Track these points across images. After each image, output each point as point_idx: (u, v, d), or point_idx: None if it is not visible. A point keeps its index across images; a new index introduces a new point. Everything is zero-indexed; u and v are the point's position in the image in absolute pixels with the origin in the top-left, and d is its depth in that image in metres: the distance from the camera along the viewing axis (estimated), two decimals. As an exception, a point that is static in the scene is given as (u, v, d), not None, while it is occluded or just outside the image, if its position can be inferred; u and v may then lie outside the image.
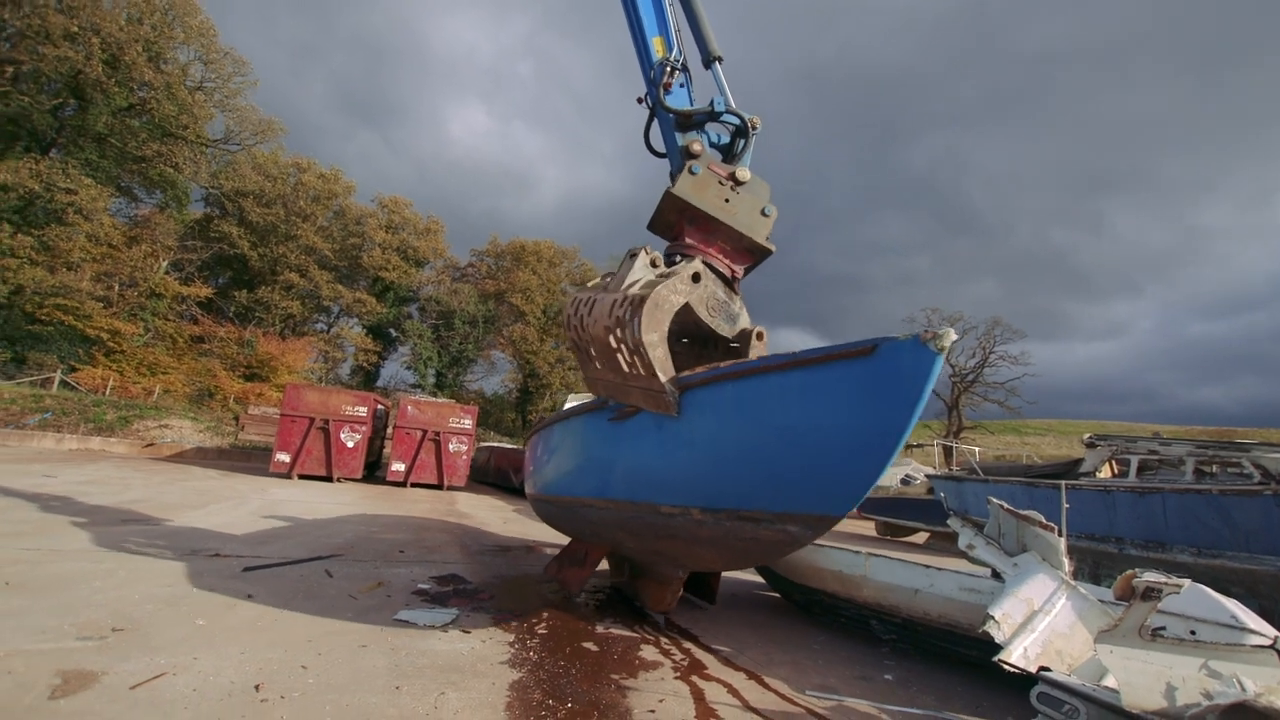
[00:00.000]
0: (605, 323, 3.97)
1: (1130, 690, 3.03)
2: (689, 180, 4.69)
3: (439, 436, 18.12)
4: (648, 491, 4.37)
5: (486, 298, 42.39)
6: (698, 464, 3.94)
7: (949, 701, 4.23)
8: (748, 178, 4.78)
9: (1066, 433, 33.20)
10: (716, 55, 5.49)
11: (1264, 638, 3.74)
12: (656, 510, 4.30)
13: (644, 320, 3.74)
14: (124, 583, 4.93)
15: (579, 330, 4.30)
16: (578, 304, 4.39)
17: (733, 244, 4.80)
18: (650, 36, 5.52)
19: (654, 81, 5.32)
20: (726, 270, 4.79)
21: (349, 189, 39.50)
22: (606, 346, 4.04)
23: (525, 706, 3.38)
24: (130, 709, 2.83)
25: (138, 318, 28.51)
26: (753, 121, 5.08)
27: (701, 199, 4.66)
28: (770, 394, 3.52)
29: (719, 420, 3.75)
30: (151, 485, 11.74)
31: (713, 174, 4.74)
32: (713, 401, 3.78)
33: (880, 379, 3.08)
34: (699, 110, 5.12)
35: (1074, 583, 4.44)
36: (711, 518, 3.92)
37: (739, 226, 4.72)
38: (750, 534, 3.78)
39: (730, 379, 3.69)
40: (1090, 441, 10.54)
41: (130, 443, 20.12)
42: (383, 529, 9.38)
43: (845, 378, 3.20)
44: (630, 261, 4.29)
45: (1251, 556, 7.24)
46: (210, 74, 31.52)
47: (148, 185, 32.11)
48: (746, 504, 3.72)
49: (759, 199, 4.82)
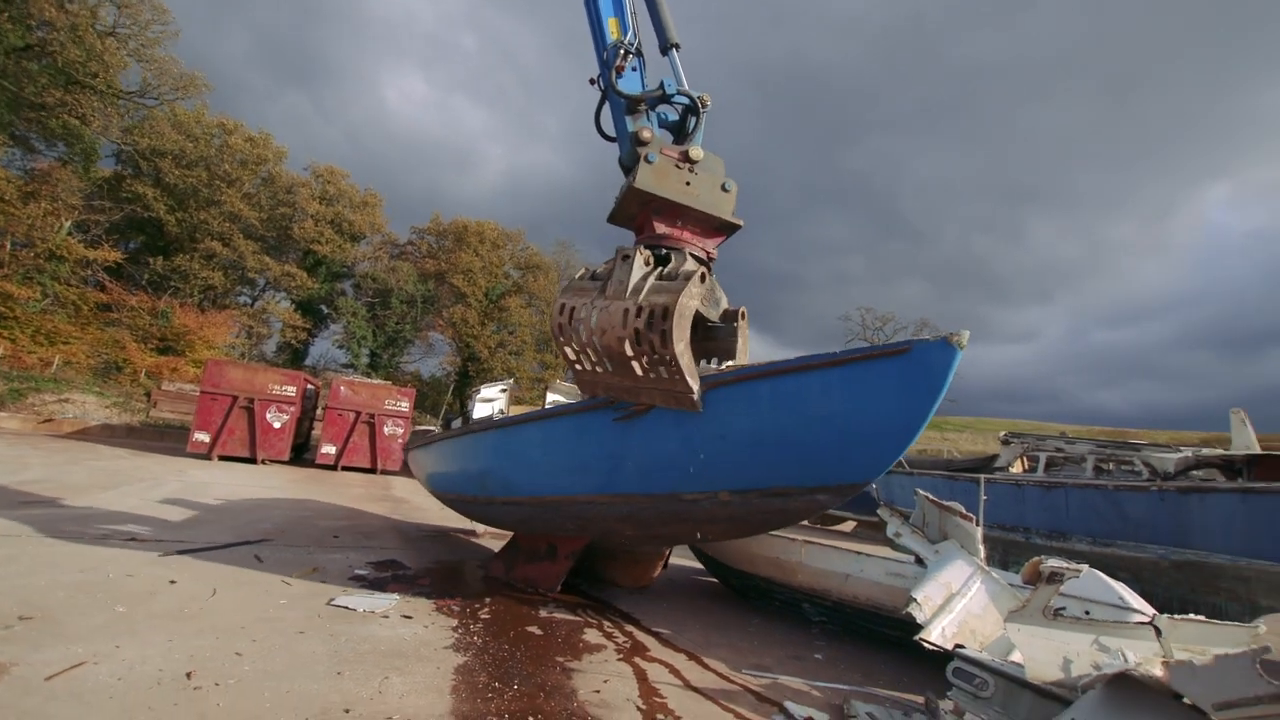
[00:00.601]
0: (619, 333, 4.03)
1: (1033, 664, 3.35)
2: (648, 170, 4.64)
3: (373, 419, 17.54)
4: (668, 482, 4.61)
5: (426, 277, 40.97)
6: (729, 453, 4.28)
7: (873, 677, 4.52)
8: (701, 156, 4.77)
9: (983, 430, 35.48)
10: (674, 42, 5.44)
11: (1144, 616, 4.19)
12: (678, 499, 4.58)
13: (675, 331, 3.86)
14: (28, 570, 4.59)
15: (578, 337, 4.29)
16: (570, 311, 4.34)
17: (702, 226, 4.83)
18: (605, 17, 5.43)
19: (607, 64, 5.26)
20: (704, 255, 4.83)
21: (280, 155, 37.13)
22: (620, 355, 4.10)
23: (471, 689, 3.39)
24: (47, 701, 2.67)
25: (34, 281, 25.95)
26: (702, 99, 5.09)
27: (664, 187, 4.65)
28: (812, 387, 3.99)
29: (755, 412, 4.15)
30: (53, 465, 10.85)
31: (668, 159, 4.71)
32: (748, 396, 4.17)
33: (914, 371, 3.68)
34: (650, 94, 5.09)
35: (988, 569, 4.82)
36: (740, 498, 4.34)
37: (705, 208, 4.73)
38: (778, 506, 4.29)
39: (766, 376, 4.13)
40: (1005, 439, 11.38)
41: (24, 418, 18.44)
42: (314, 514, 9.05)
43: (885, 372, 3.78)
44: (625, 264, 4.26)
45: (1138, 545, 8.03)
46: (124, 19, 28.83)
47: (48, 136, 29.06)
48: (779, 482, 4.19)
49: (717, 176, 4.83)
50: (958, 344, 3.54)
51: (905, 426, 3.80)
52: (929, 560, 4.95)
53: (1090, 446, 9.80)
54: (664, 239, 4.69)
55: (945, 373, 3.59)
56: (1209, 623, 3.45)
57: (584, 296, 4.37)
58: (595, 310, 4.21)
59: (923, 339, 3.69)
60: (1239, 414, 8.75)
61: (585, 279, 4.57)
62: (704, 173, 4.78)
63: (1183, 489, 7.91)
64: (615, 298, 4.16)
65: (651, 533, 5.06)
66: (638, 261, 4.26)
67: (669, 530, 4.96)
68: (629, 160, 5.03)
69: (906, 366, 3.70)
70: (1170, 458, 8.74)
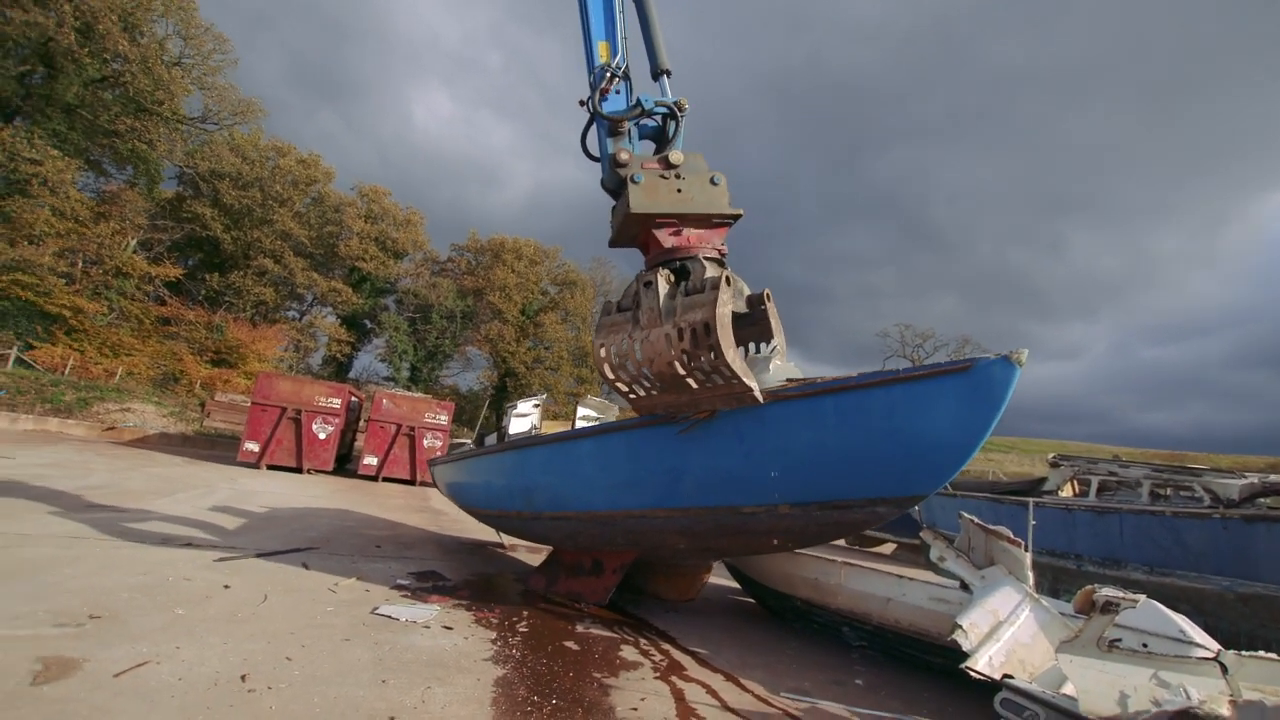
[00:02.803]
0: (667, 358, 4.17)
1: (1087, 697, 3.22)
2: (638, 191, 4.72)
3: (413, 431, 17.93)
4: (726, 496, 4.70)
5: (465, 293, 41.93)
6: (791, 466, 4.40)
7: (915, 707, 4.39)
8: (681, 159, 4.82)
9: (1029, 451, 34.21)
10: (665, 69, 5.52)
11: (1208, 651, 3.98)
12: (737, 512, 4.68)
13: (722, 342, 3.96)
14: (95, 570, 4.84)
15: (627, 372, 4.46)
16: (612, 349, 4.49)
17: (705, 226, 4.86)
18: (596, 41, 5.54)
19: (593, 86, 5.36)
20: (717, 254, 4.81)
21: (328, 175, 38.74)
22: (673, 376, 4.23)
23: (511, 702, 3.44)
24: (115, 697, 2.82)
25: (102, 296, 27.53)
26: (679, 104, 5.16)
27: (658, 203, 4.72)
28: (876, 403, 4.12)
29: (819, 426, 4.28)
30: (115, 471, 11.42)
31: (652, 172, 4.78)
32: (811, 411, 4.30)
33: (976, 387, 3.84)
34: (630, 113, 5.16)
35: (1037, 596, 4.65)
36: (800, 510, 4.45)
37: (703, 209, 4.77)
38: (837, 519, 4.40)
39: (831, 393, 4.27)
40: (1054, 461, 10.95)
41: (90, 425, 19.47)
42: (357, 524, 9.29)
43: (948, 388, 3.93)
44: (650, 290, 4.38)
45: (1199, 576, 7.61)
46: (189, 49, 30.65)
47: (118, 160, 31.03)
48: (840, 495, 4.30)
49: (703, 172, 4.85)
50: (1017, 361, 3.70)
51: (966, 441, 3.94)
52: (975, 586, 4.80)
53: (1146, 471, 9.36)
54: (674, 252, 4.72)
55: (1005, 389, 3.76)
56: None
57: (619, 332, 4.49)
58: (636, 343, 4.31)
59: (984, 356, 3.81)
60: (1310, 439, 8.28)
61: (613, 314, 4.65)
62: (690, 174, 4.82)
63: (1248, 517, 7.47)
64: (651, 325, 4.28)
65: (705, 545, 5.14)
66: (661, 284, 4.35)
67: (724, 543, 5.05)
68: (610, 182, 5.10)
69: (968, 383, 3.85)
70: (1234, 484, 8.28)
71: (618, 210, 4.95)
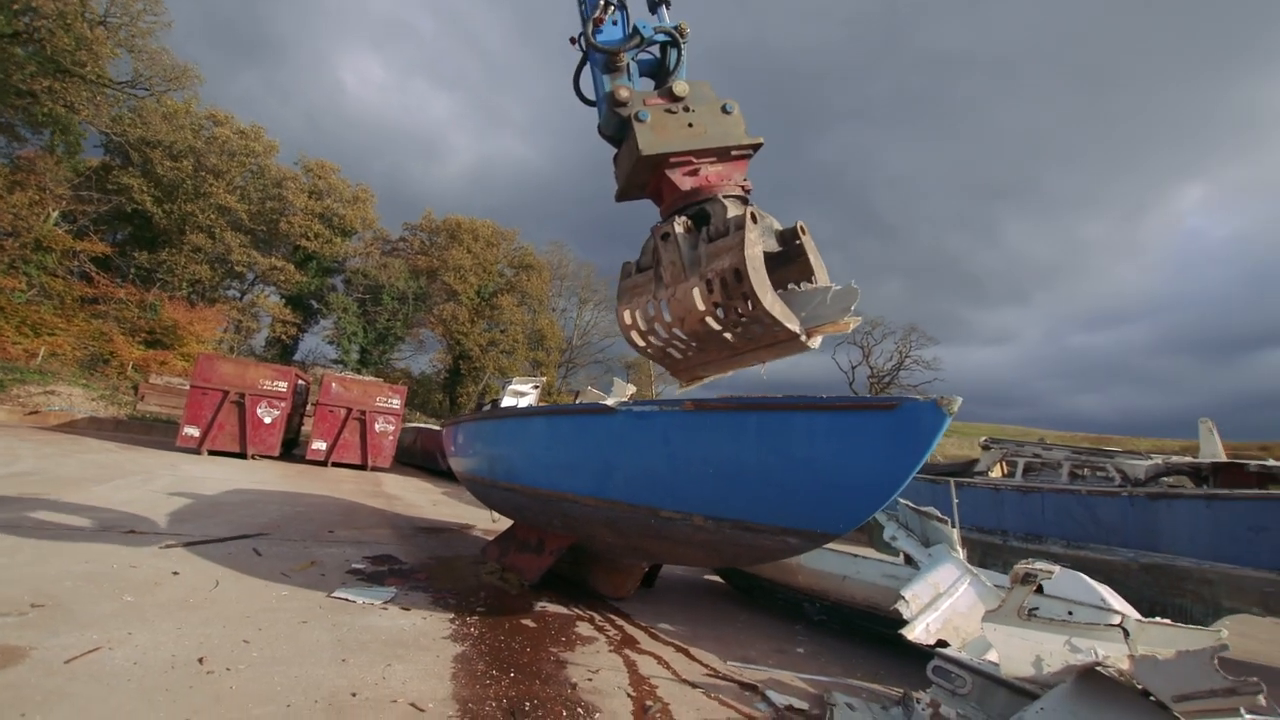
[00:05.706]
0: (699, 314, 3.70)
1: (1008, 662, 3.58)
2: (646, 130, 4.19)
3: (364, 415, 17.57)
4: (649, 496, 4.58)
5: (418, 274, 40.90)
6: (710, 478, 4.24)
7: (853, 670, 4.74)
8: (686, 90, 4.30)
9: (967, 434, 35.99)
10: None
11: (1116, 618, 4.43)
12: (655, 514, 4.53)
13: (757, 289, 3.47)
14: (33, 560, 4.68)
15: (657, 337, 4.07)
16: (637, 314, 4.07)
17: (724, 160, 4.29)
18: None
19: (584, 16, 4.76)
20: (741, 191, 4.24)
21: (270, 148, 36.85)
22: (709, 333, 3.81)
23: (470, 676, 3.56)
24: (69, 681, 2.81)
25: (19, 271, 25.71)
26: (681, 29, 4.67)
27: (671, 141, 4.17)
28: (797, 428, 3.93)
29: (739, 443, 4.12)
30: (44, 457, 10.84)
31: (658, 108, 4.27)
32: (735, 426, 4.15)
33: (900, 429, 3.58)
34: (628, 44, 4.63)
35: (976, 570, 5.07)
36: (714, 525, 4.24)
37: (719, 141, 4.25)
38: (749, 541, 4.15)
39: (755, 410, 4.09)
40: (985, 444, 11.73)
41: (10, 409, 18.29)
42: (308, 509, 9.14)
43: (871, 425, 3.71)
44: (669, 242, 3.89)
45: (1109, 548, 8.34)
46: (116, 9, 28.60)
47: (33, 123, 28.78)
48: (753, 517, 4.09)
49: (712, 101, 4.34)
50: (947, 409, 3.43)
51: (884, 483, 3.68)
52: (921, 562, 5.20)
53: (1066, 453, 10.13)
54: (694, 194, 4.16)
55: (932, 435, 3.51)
56: (1175, 626, 3.65)
57: (643, 295, 4.05)
58: (662, 304, 3.91)
59: (912, 398, 3.60)
60: (1207, 424, 9.16)
61: (632, 275, 4.23)
62: (699, 104, 4.29)
63: (1152, 495, 8.22)
64: (676, 281, 3.81)
65: (631, 544, 5.10)
66: (680, 234, 3.88)
67: (649, 545, 4.93)
68: (609, 126, 4.54)
69: (893, 423, 3.62)
70: (1141, 465, 9.08)
71: (623, 157, 4.43)
